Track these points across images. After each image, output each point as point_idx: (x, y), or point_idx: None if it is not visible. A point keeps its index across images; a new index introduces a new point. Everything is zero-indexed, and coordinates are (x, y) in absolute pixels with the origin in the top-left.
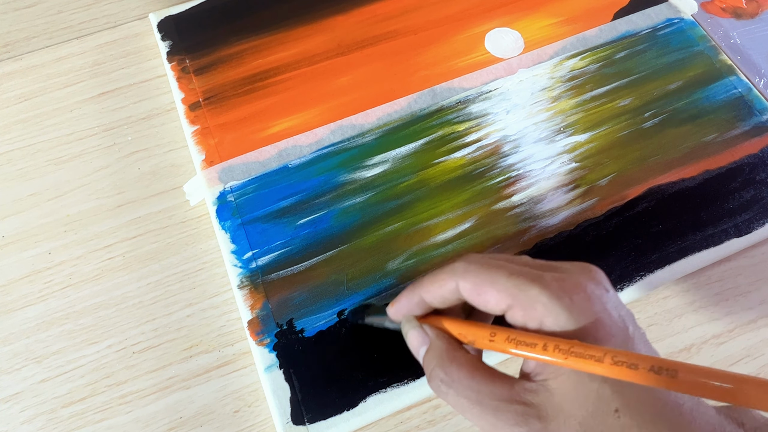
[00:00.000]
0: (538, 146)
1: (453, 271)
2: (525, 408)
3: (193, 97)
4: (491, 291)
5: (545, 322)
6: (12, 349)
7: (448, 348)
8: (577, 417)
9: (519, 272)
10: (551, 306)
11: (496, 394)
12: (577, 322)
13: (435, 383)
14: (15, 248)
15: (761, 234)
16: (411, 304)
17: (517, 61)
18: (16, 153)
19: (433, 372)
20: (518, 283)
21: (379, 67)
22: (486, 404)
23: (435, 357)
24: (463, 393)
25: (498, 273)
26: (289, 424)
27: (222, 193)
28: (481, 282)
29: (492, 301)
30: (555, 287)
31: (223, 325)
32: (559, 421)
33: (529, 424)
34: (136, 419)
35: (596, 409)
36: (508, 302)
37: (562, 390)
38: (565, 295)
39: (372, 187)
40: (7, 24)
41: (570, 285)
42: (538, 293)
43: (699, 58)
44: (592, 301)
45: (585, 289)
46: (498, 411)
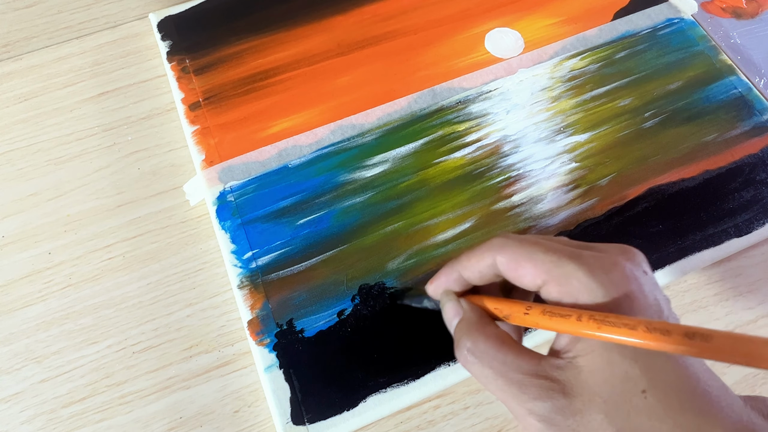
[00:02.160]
0: (538, 146)
1: (491, 247)
2: (550, 383)
3: (193, 97)
4: (528, 266)
5: (580, 297)
6: (12, 349)
7: (479, 320)
8: (603, 395)
9: (556, 249)
10: (587, 282)
11: (522, 368)
12: (611, 297)
13: (462, 352)
14: (15, 248)
15: (761, 234)
16: (449, 281)
17: (517, 61)
18: (16, 153)
19: (461, 341)
20: (555, 259)
21: (379, 67)
22: (511, 377)
23: (465, 327)
24: (489, 363)
25: (535, 248)
26: (289, 424)
27: (222, 193)
28: (518, 256)
29: (528, 276)
30: (592, 264)
31: (223, 325)
32: (584, 398)
33: (553, 398)
34: (136, 419)
35: (623, 388)
36: (543, 277)
37: (590, 368)
38: (602, 271)
39: (372, 187)
40: (7, 24)
41: (607, 263)
42: (574, 269)
43: (699, 58)
44: (628, 280)
45: (622, 267)
46: (522, 384)
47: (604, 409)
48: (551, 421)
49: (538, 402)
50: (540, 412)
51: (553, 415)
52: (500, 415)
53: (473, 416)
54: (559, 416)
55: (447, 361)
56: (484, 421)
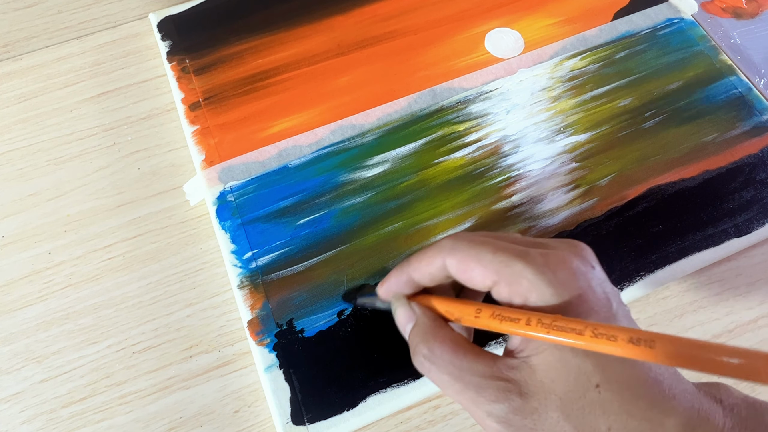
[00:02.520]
0: (538, 146)
1: (440, 249)
2: (506, 384)
3: (193, 97)
4: (477, 267)
5: (530, 297)
6: (12, 349)
7: (433, 325)
8: (558, 393)
9: (504, 248)
10: (535, 281)
11: (477, 371)
12: (560, 297)
13: (418, 359)
14: (15, 248)
15: (761, 234)
16: (400, 283)
17: (517, 61)
18: (16, 153)
19: (417, 348)
20: (503, 259)
21: (379, 67)
22: (467, 380)
23: (419, 333)
24: (445, 369)
25: (484, 249)
26: (289, 424)
27: (222, 193)
28: (467, 258)
29: (478, 277)
30: (540, 262)
31: (223, 325)
32: (539, 397)
33: (510, 400)
34: (136, 419)
35: (577, 384)
36: (493, 278)
37: (543, 366)
38: (549, 270)
39: (372, 187)
40: (7, 24)
41: (555, 260)
42: (522, 268)
43: (699, 58)
44: (576, 277)
45: (570, 264)
46: (479, 387)
47: (559, 407)
48: (509, 422)
49: (495, 404)
50: (497, 413)
51: (510, 416)
52: None
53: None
54: (517, 416)
55: None
56: None
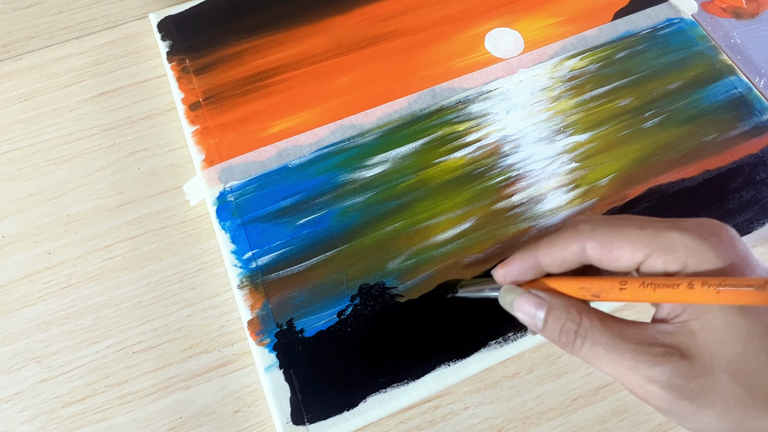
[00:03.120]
0: (538, 146)
1: (577, 233)
2: (666, 349)
3: (193, 97)
4: (625, 244)
5: (689, 262)
6: (12, 349)
7: (571, 302)
8: (726, 355)
9: (651, 224)
10: (695, 246)
11: (632, 338)
12: (725, 259)
13: (568, 337)
14: (15, 248)
15: (761, 234)
16: (523, 268)
17: (517, 61)
18: (16, 153)
19: (564, 326)
20: (653, 232)
21: (379, 67)
22: (623, 348)
23: (562, 313)
24: (599, 341)
25: (628, 227)
26: (289, 424)
27: (222, 193)
28: (612, 238)
29: (626, 254)
30: (696, 230)
31: (223, 325)
32: (705, 359)
33: (673, 362)
34: (136, 419)
35: (748, 347)
36: (645, 251)
37: (707, 329)
38: (709, 234)
39: (372, 187)
40: (7, 24)
41: (712, 228)
42: (679, 236)
43: (699, 58)
44: (735, 241)
45: (728, 230)
46: (637, 353)
47: (728, 369)
48: (674, 386)
49: (657, 367)
50: (660, 377)
51: (675, 379)
52: (500, 415)
53: (473, 416)
54: (683, 380)
55: (447, 361)
56: (484, 421)
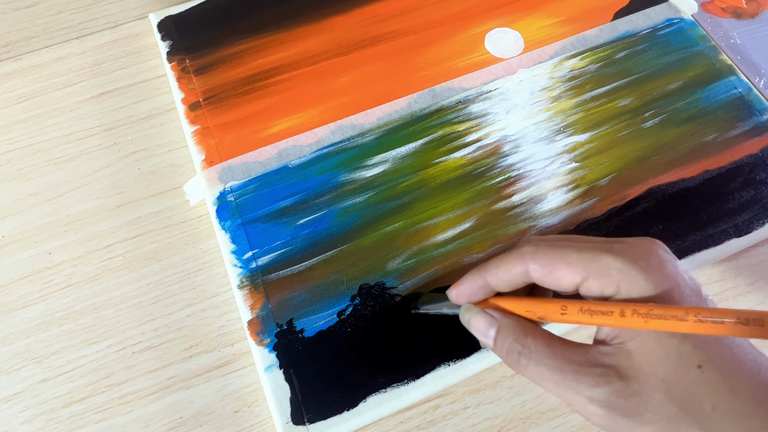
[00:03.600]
0: (538, 146)
1: (521, 255)
2: (604, 369)
3: (193, 97)
4: (563, 267)
5: (622, 287)
6: (12, 349)
7: (519, 323)
8: (659, 374)
9: (588, 247)
10: (627, 270)
11: (574, 360)
12: (654, 284)
13: (513, 357)
14: (15, 248)
15: (761, 234)
16: (474, 288)
17: (517, 61)
18: (16, 153)
19: (510, 347)
20: (589, 256)
21: (379, 67)
22: (565, 370)
23: (509, 333)
24: (543, 362)
25: (567, 250)
26: (289, 424)
27: (222, 193)
28: (552, 261)
29: (565, 277)
30: (628, 254)
31: (223, 325)
32: (640, 379)
33: (610, 383)
34: (136, 419)
35: (679, 366)
36: (582, 275)
37: (641, 350)
38: (640, 259)
39: (372, 187)
40: (7, 24)
41: (642, 251)
42: (612, 260)
43: (699, 58)
44: (666, 265)
45: (657, 253)
46: (578, 374)
47: (662, 388)
48: (612, 405)
49: (596, 388)
50: (600, 397)
51: (613, 399)
52: (500, 415)
53: (473, 416)
54: (620, 399)
55: (447, 361)
56: (484, 421)
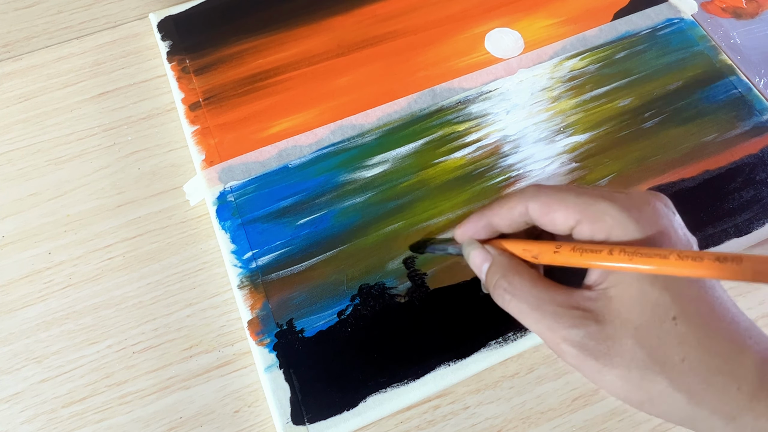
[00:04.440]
0: (538, 146)
1: (523, 194)
2: (583, 313)
3: (193, 97)
4: (560, 209)
5: (613, 233)
6: (12, 349)
7: (510, 261)
8: (634, 322)
9: (587, 192)
10: (620, 217)
11: (555, 300)
12: (644, 232)
13: (498, 292)
14: (15, 248)
15: (761, 234)
16: (477, 227)
17: (517, 61)
18: (16, 153)
19: (498, 282)
20: (586, 200)
21: (379, 67)
22: (545, 309)
23: (498, 269)
24: (525, 299)
25: (567, 192)
26: (289, 424)
27: (222, 193)
28: (550, 201)
29: (560, 218)
30: (624, 201)
31: (223, 325)
32: (615, 324)
33: (586, 326)
34: (136, 419)
35: (654, 315)
36: (576, 217)
37: (621, 297)
38: (635, 208)
39: (372, 187)
40: (7, 24)
41: (638, 200)
42: (607, 206)
43: (699, 58)
44: (659, 216)
45: (654, 205)
46: (556, 315)
47: (634, 335)
48: (584, 346)
49: (572, 330)
50: (573, 338)
51: (586, 341)
52: (500, 415)
53: (473, 416)
54: (592, 341)
55: (447, 361)
56: (484, 421)
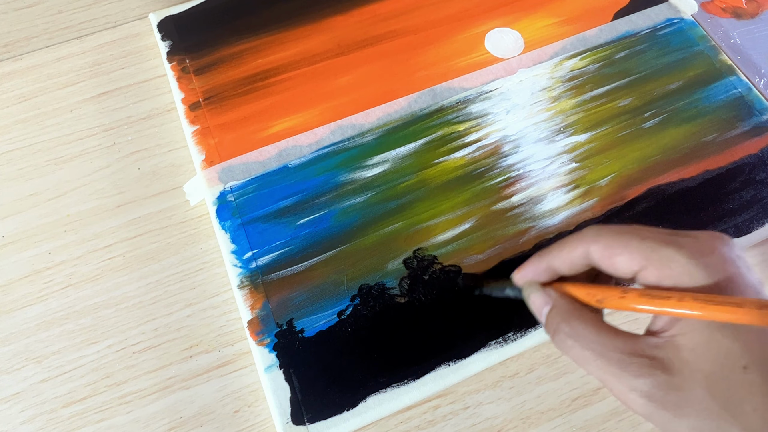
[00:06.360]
0: (538, 146)
1: (583, 237)
2: (650, 361)
3: (193, 97)
4: (624, 253)
5: (681, 280)
6: (12, 349)
7: (572, 305)
8: (704, 371)
9: (651, 236)
10: (687, 265)
11: (620, 348)
12: (714, 280)
13: (560, 337)
14: (15, 248)
15: (761, 234)
16: (538, 270)
17: (517, 61)
18: (16, 153)
19: (558, 327)
20: (652, 245)
21: (379, 67)
22: (610, 356)
23: (559, 313)
24: (589, 346)
25: (630, 236)
26: (289, 424)
27: (222, 193)
28: (612, 245)
29: (623, 263)
30: (690, 247)
31: (223, 325)
32: (684, 374)
33: (654, 375)
34: (136, 419)
35: (725, 364)
36: (641, 263)
37: (690, 345)
38: (701, 255)
39: (372, 187)
40: (7, 24)
41: (705, 247)
42: (673, 253)
43: (699, 58)
44: (727, 263)
45: (720, 250)
46: (622, 363)
47: (705, 385)
48: (653, 396)
49: (639, 379)
50: (642, 388)
51: (654, 391)
52: (500, 415)
53: (473, 416)
54: (661, 392)
55: (447, 361)
56: (484, 421)
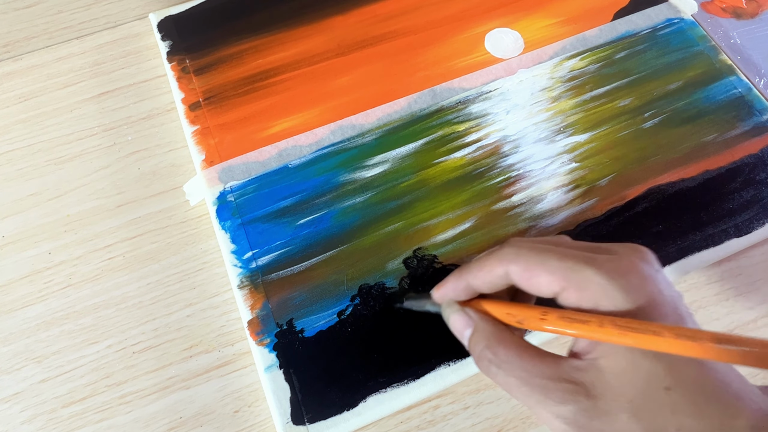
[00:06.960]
0: (538, 146)
1: (502, 257)
2: (573, 386)
3: (193, 97)
4: (543, 274)
5: (601, 302)
6: (12, 349)
7: (494, 329)
8: (627, 395)
9: (570, 255)
10: (607, 286)
11: (544, 373)
12: (633, 302)
13: (483, 364)
14: (15, 248)
15: (761, 234)
16: (457, 289)
17: (517, 61)
18: (16, 153)
19: (482, 353)
20: (571, 265)
21: (379, 67)
22: (534, 383)
23: (482, 339)
24: (512, 373)
25: (549, 256)
26: (289, 424)
27: (222, 193)
28: (532, 265)
29: (544, 283)
30: (609, 268)
31: (223, 325)
32: (608, 398)
33: (578, 401)
34: (136, 419)
35: (647, 386)
36: (561, 284)
37: (612, 368)
38: (620, 275)
39: (372, 187)
40: (7, 24)
41: (624, 266)
42: (592, 274)
43: (699, 58)
44: (646, 282)
45: (639, 269)
46: (546, 389)
47: (629, 409)
48: (577, 423)
49: (562, 406)
50: (565, 415)
51: (578, 417)
52: (500, 415)
53: (473, 416)
54: (585, 417)
55: (447, 361)
56: (484, 421)
